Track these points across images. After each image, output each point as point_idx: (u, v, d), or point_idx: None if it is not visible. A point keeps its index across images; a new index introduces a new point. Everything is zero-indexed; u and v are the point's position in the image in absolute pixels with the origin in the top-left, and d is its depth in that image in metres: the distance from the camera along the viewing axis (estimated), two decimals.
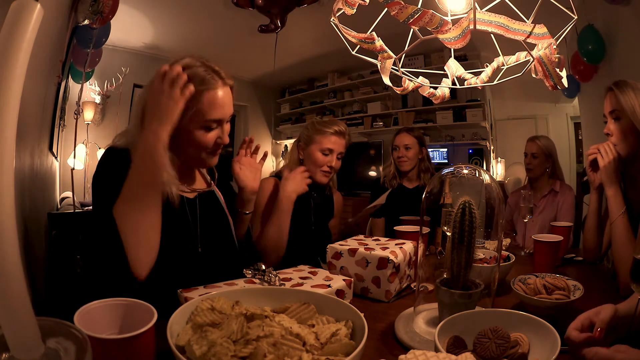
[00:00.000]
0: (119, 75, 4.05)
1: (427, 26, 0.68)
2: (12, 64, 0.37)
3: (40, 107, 2.27)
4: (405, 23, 0.68)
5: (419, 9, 0.67)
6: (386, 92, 5.15)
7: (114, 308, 0.64)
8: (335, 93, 5.69)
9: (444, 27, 0.68)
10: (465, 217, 0.79)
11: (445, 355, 0.56)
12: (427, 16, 0.67)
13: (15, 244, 0.37)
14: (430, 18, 0.67)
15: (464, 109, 4.62)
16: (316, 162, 1.62)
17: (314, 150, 1.63)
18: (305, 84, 5.96)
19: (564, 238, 1.44)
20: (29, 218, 1.80)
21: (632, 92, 1.18)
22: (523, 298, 0.94)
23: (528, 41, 0.70)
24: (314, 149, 1.63)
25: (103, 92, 4.06)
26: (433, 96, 1.04)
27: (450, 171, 0.90)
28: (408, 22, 0.68)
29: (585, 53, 2.67)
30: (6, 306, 0.36)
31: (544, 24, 0.69)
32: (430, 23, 0.67)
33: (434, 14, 0.67)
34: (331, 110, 5.81)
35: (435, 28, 0.68)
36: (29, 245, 1.71)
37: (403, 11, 0.67)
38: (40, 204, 2.29)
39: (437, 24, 0.67)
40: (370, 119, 5.36)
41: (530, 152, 2.13)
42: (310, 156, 1.63)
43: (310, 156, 1.63)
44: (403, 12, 0.67)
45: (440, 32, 0.68)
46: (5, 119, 0.36)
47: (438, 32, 0.68)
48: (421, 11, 0.67)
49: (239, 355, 0.55)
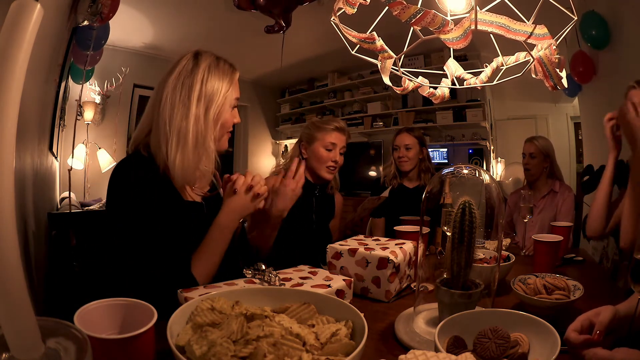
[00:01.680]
0: (119, 75, 4.05)
1: (429, 26, 0.68)
2: (12, 64, 0.37)
3: (40, 107, 2.27)
4: (407, 23, 0.69)
5: (421, 9, 0.67)
6: (386, 92, 5.15)
7: (114, 308, 0.64)
8: (335, 93, 5.69)
9: (446, 28, 0.68)
10: (465, 217, 0.79)
11: (445, 355, 0.56)
12: (429, 16, 0.67)
13: (15, 244, 0.37)
14: (432, 18, 0.67)
15: (464, 109, 4.62)
16: (320, 158, 1.64)
17: (318, 147, 1.65)
18: (305, 84, 5.96)
19: (564, 238, 1.44)
20: (29, 218, 1.80)
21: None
22: (523, 298, 0.94)
23: (528, 41, 0.70)
24: (317, 146, 1.65)
25: (103, 92, 4.06)
26: (433, 96, 1.04)
27: (450, 171, 0.90)
28: (410, 22, 0.68)
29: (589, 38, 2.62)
30: (6, 306, 0.36)
31: (544, 24, 0.69)
32: (432, 23, 0.67)
33: (436, 14, 0.67)
34: (331, 110, 5.81)
35: (437, 28, 0.68)
36: (29, 245, 1.71)
37: (405, 11, 0.67)
38: (40, 204, 2.29)
39: (439, 24, 0.67)
40: (370, 119, 5.35)
41: (528, 153, 2.13)
42: (314, 154, 1.65)
43: (314, 154, 1.66)
44: (405, 12, 0.67)
45: (442, 32, 0.68)
46: (5, 119, 0.36)
47: (440, 32, 0.68)
48: (423, 11, 0.67)
49: (239, 355, 0.55)
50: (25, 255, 1.63)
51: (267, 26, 3.20)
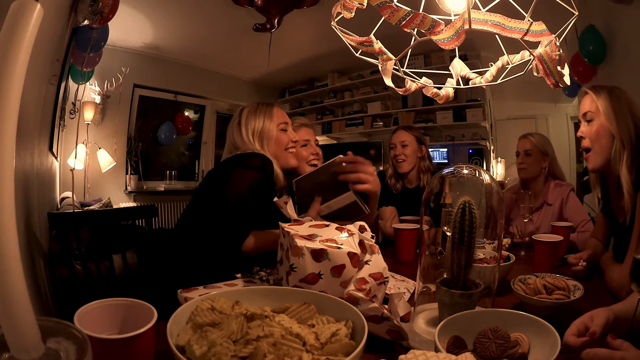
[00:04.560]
0: (119, 75, 4.05)
1: (419, 28, 0.68)
2: (12, 64, 0.37)
3: (40, 107, 2.27)
4: (397, 26, 0.69)
5: (410, 11, 0.68)
6: (386, 92, 5.15)
7: (114, 308, 0.64)
8: (335, 93, 5.69)
9: (437, 29, 0.68)
10: (465, 217, 0.79)
11: (445, 355, 0.56)
12: (418, 18, 0.67)
13: (15, 243, 0.37)
14: (422, 20, 0.67)
15: (464, 109, 4.62)
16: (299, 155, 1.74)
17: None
18: (305, 84, 5.95)
19: (564, 238, 1.44)
20: (29, 218, 1.80)
21: (607, 94, 1.15)
22: (523, 298, 0.94)
23: (528, 39, 0.70)
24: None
25: (103, 92, 4.06)
26: (437, 96, 1.04)
27: (450, 171, 0.90)
28: (400, 25, 0.68)
29: (587, 54, 2.66)
30: (6, 306, 0.36)
31: (546, 22, 0.69)
32: (422, 25, 0.68)
33: (426, 15, 0.68)
34: (331, 110, 5.81)
35: (427, 29, 0.68)
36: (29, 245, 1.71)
37: (395, 14, 0.68)
38: (40, 204, 2.29)
39: (429, 25, 0.68)
40: (370, 119, 5.35)
41: (522, 150, 1.96)
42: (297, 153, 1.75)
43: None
44: (395, 15, 0.68)
45: (433, 33, 0.68)
46: (5, 119, 0.36)
47: (431, 33, 0.68)
48: (413, 13, 0.67)
49: (239, 355, 0.55)
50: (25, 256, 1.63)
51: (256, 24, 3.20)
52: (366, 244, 0.87)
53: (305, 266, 0.80)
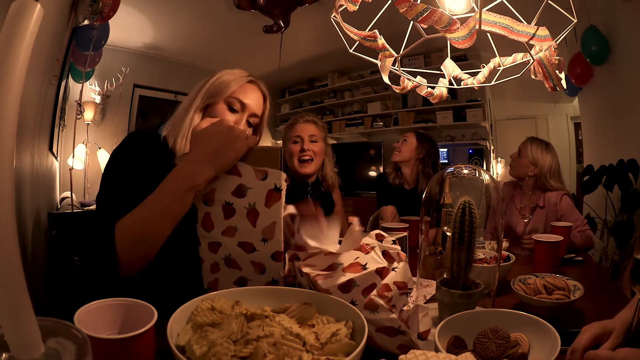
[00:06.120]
0: (119, 75, 4.05)
1: (436, 25, 0.68)
2: (12, 64, 0.37)
3: (40, 107, 2.27)
4: (414, 21, 0.69)
5: (428, 7, 0.67)
6: (386, 92, 5.14)
7: (114, 308, 0.64)
8: (335, 93, 5.69)
9: (452, 27, 0.68)
10: (465, 217, 0.79)
11: (445, 355, 0.56)
12: (436, 15, 0.67)
13: (15, 243, 0.37)
14: (440, 17, 0.67)
15: (464, 109, 4.62)
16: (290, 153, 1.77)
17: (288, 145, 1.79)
18: (305, 84, 5.95)
19: (564, 238, 1.44)
20: (29, 218, 1.80)
21: None
22: (523, 298, 0.94)
23: (532, 43, 0.70)
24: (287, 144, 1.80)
25: (103, 92, 4.06)
26: (431, 95, 1.04)
27: (450, 171, 0.90)
28: (417, 20, 0.68)
29: (589, 54, 2.66)
30: (6, 306, 0.36)
31: (544, 25, 0.69)
32: (439, 22, 0.67)
33: (443, 12, 0.67)
34: (331, 110, 5.81)
35: (443, 27, 0.68)
36: (29, 245, 1.71)
37: (412, 9, 0.67)
38: (40, 204, 2.29)
39: (446, 22, 0.67)
40: (370, 119, 5.35)
41: (518, 149, 1.96)
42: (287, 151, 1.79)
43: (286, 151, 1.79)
44: (412, 9, 0.67)
45: (448, 31, 0.68)
46: (5, 119, 0.36)
47: (446, 31, 0.68)
48: (430, 9, 0.67)
49: (239, 355, 0.55)
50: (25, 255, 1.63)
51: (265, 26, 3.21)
52: (392, 253, 0.78)
53: None
